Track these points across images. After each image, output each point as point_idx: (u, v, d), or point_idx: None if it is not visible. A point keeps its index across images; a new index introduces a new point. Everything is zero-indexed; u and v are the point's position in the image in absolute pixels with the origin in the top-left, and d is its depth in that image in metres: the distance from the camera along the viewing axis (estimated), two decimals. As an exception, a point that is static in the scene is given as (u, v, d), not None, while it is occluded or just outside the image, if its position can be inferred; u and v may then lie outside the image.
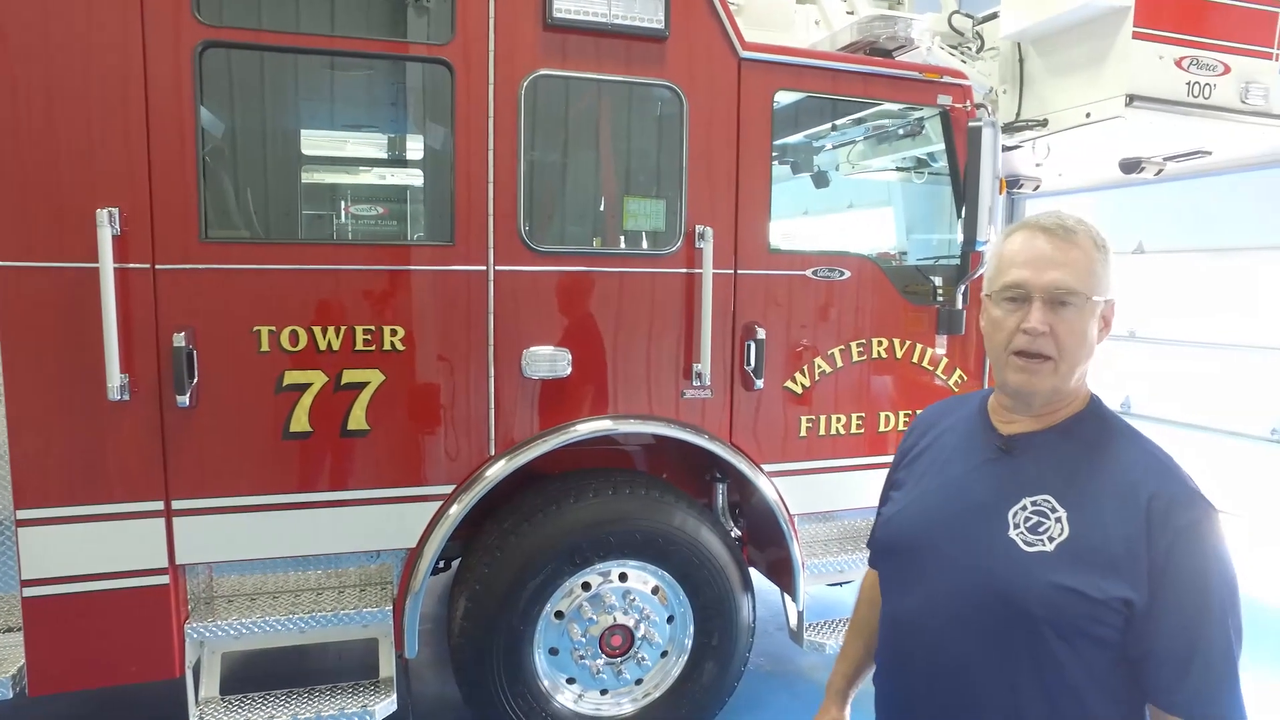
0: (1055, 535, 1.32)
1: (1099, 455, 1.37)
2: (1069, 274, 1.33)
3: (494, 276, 3.00)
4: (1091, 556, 1.28)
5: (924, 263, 3.91)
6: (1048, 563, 1.30)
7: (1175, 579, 1.24)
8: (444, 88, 2.94)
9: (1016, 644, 1.32)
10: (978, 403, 1.55)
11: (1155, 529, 1.26)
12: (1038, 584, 1.30)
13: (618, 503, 3.19)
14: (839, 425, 3.50)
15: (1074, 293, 1.33)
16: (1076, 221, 1.37)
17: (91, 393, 2.60)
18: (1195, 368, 6.12)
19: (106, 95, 2.56)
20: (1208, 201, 5.98)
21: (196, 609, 2.94)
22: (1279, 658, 4.39)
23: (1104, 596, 1.26)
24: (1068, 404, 1.42)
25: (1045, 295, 1.33)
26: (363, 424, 2.91)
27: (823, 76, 3.37)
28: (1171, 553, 1.25)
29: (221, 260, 2.74)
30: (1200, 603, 1.25)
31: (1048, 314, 1.33)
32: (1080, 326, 1.34)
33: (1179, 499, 1.28)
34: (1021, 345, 1.35)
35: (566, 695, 3.29)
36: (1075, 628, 1.28)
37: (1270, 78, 3.91)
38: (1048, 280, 1.33)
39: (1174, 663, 1.25)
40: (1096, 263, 1.35)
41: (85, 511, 2.68)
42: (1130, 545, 1.27)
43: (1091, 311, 1.35)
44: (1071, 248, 1.34)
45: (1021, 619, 1.31)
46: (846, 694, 1.78)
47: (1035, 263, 1.35)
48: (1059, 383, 1.37)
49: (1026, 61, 4.28)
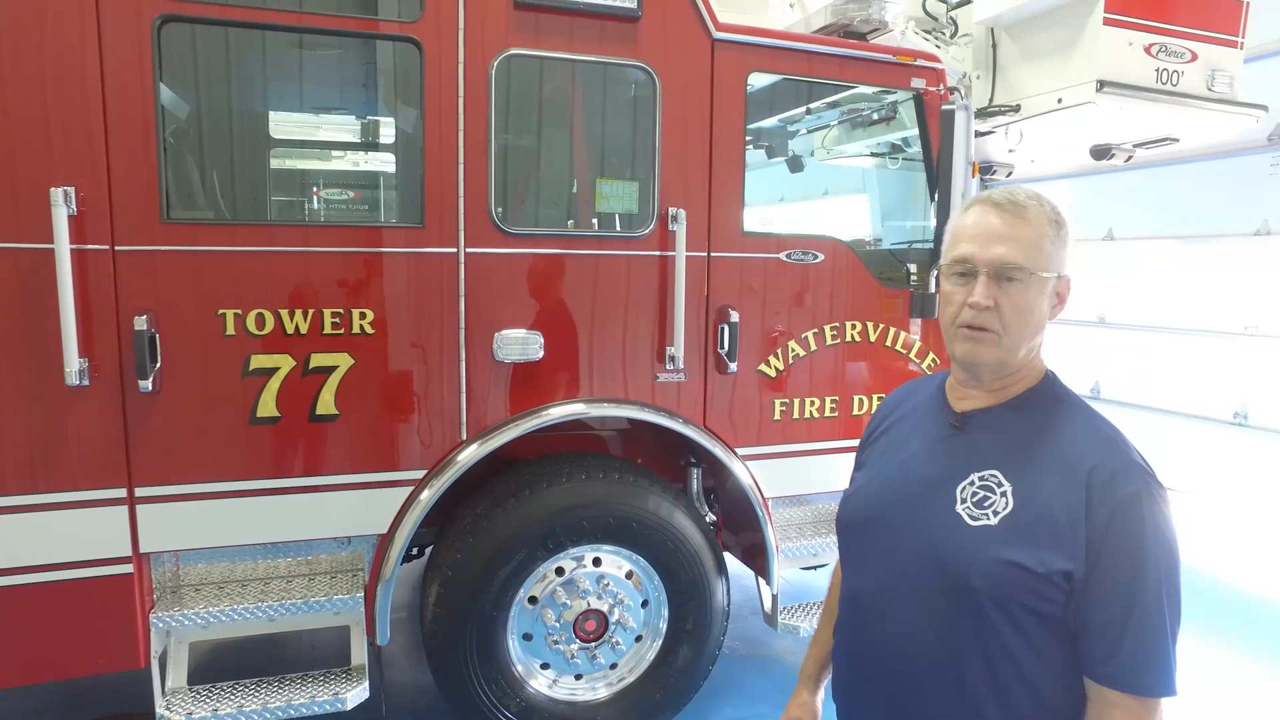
0: (1000, 509, 1.33)
1: (1046, 429, 1.38)
2: (1014, 249, 1.34)
3: (465, 259, 2.96)
4: (1034, 529, 1.29)
5: (898, 247, 3.93)
6: (991, 537, 1.31)
7: (1113, 550, 1.25)
8: (413, 67, 2.89)
9: (960, 618, 1.33)
10: (937, 382, 1.57)
11: (1095, 501, 1.27)
12: (981, 558, 1.31)
13: (591, 487, 3.17)
14: (813, 409, 3.51)
15: (1019, 268, 1.34)
16: (1028, 197, 1.38)
17: (50, 377, 2.54)
18: (1163, 353, 6.22)
19: (60, 69, 2.48)
20: (1176, 189, 6.06)
21: (163, 598, 2.89)
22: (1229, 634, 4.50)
23: (1045, 570, 1.27)
24: (1020, 380, 1.43)
25: (990, 270, 1.35)
26: (332, 409, 2.86)
27: (797, 58, 3.35)
28: (1110, 524, 1.26)
29: (185, 242, 2.68)
30: (1136, 574, 1.25)
31: (992, 288, 1.34)
32: (1024, 301, 1.35)
33: (1120, 471, 1.29)
34: (967, 319, 1.37)
35: (541, 680, 3.28)
36: (1017, 601, 1.29)
37: (1235, 66, 3.96)
38: (992, 255, 1.35)
39: (1108, 634, 1.26)
40: (1046, 239, 1.36)
41: (45, 500, 2.62)
42: (1071, 517, 1.27)
43: (1039, 287, 1.35)
44: (1020, 223, 1.35)
45: (964, 593, 1.32)
46: (819, 678, 1.79)
47: (982, 238, 1.36)
48: (1004, 355, 1.38)
49: (1000, 47, 4.30)
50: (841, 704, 1.60)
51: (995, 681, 1.32)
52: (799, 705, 1.78)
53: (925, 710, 1.39)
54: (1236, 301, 5.67)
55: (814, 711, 1.78)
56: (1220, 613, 4.76)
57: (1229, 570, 5.40)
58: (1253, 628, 4.62)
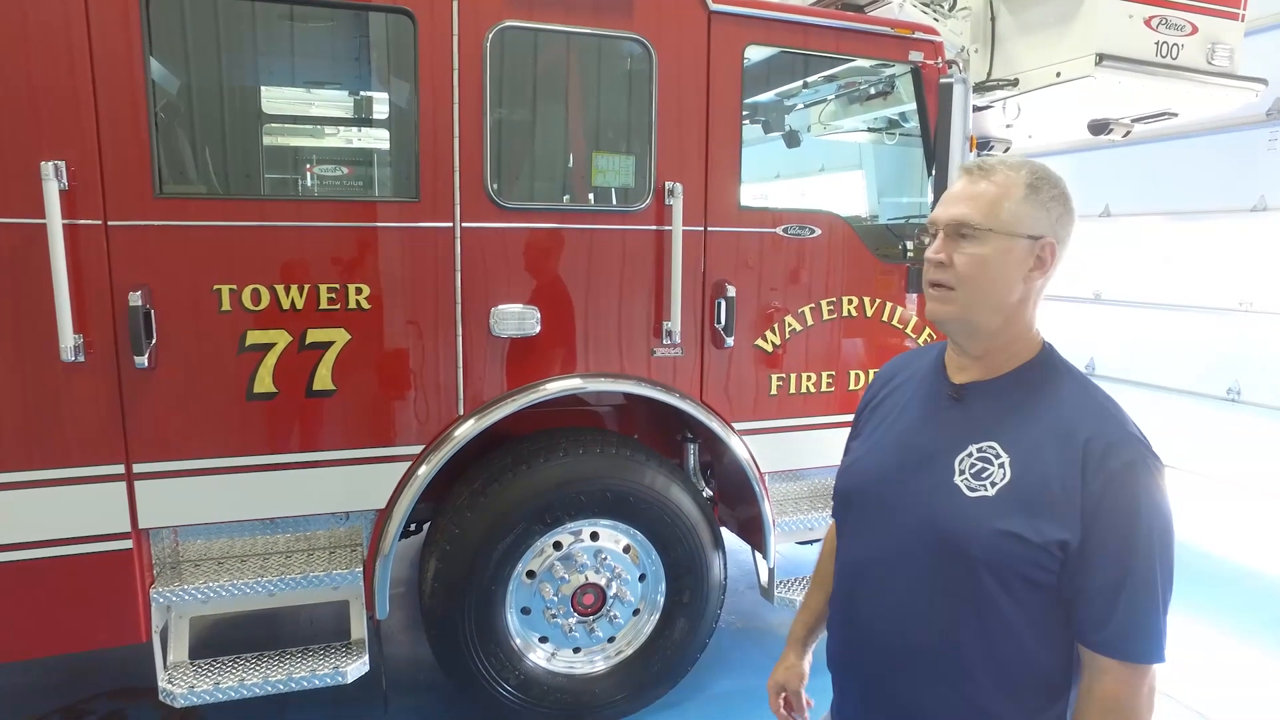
0: (998, 480, 1.34)
1: (1044, 401, 1.39)
2: (970, 208, 1.37)
3: (460, 233, 2.94)
4: (1030, 500, 1.30)
5: (895, 222, 3.91)
6: (989, 508, 1.32)
7: (1107, 519, 1.26)
8: (407, 39, 2.86)
9: (957, 587, 1.34)
10: (935, 353, 1.57)
11: (1090, 470, 1.28)
12: (979, 529, 1.32)
13: (588, 461, 3.18)
14: (809, 383, 3.52)
15: (971, 226, 1.37)
16: (999, 161, 1.41)
17: (45, 354, 2.53)
18: (1158, 329, 6.24)
19: (47, 41, 2.45)
20: (1172, 165, 6.04)
21: (162, 573, 2.90)
22: (1219, 608, 4.55)
23: (1041, 540, 1.28)
24: (1015, 352, 1.43)
25: (945, 228, 1.40)
26: (329, 384, 2.86)
27: (794, 31, 3.32)
28: (1105, 493, 1.27)
29: (178, 216, 2.66)
30: (1130, 543, 1.26)
31: (947, 245, 1.39)
32: (978, 256, 1.36)
33: (1115, 442, 1.30)
34: (929, 275, 1.43)
35: (539, 654, 3.31)
36: (1014, 571, 1.30)
37: (1235, 39, 3.93)
38: (949, 214, 1.40)
39: (1101, 601, 1.27)
40: (1011, 199, 1.36)
41: (42, 476, 2.62)
42: (1066, 487, 1.28)
43: (999, 245, 1.36)
44: (982, 183, 1.39)
45: (962, 563, 1.33)
46: (806, 642, 1.81)
47: (947, 200, 1.43)
48: (963, 312, 1.40)
49: (998, 20, 4.26)
50: (836, 673, 1.61)
51: (991, 650, 1.34)
52: (786, 669, 1.79)
53: (920, 679, 1.41)
54: (1232, 277, 5.67)
55: (800, 674, 1.79)
56: (1210, 587, 4.82)
57: (1220, 545, 5.45)
58: (1243, 602, 4.69)
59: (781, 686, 1.79)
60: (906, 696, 1.43)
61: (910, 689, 1.42)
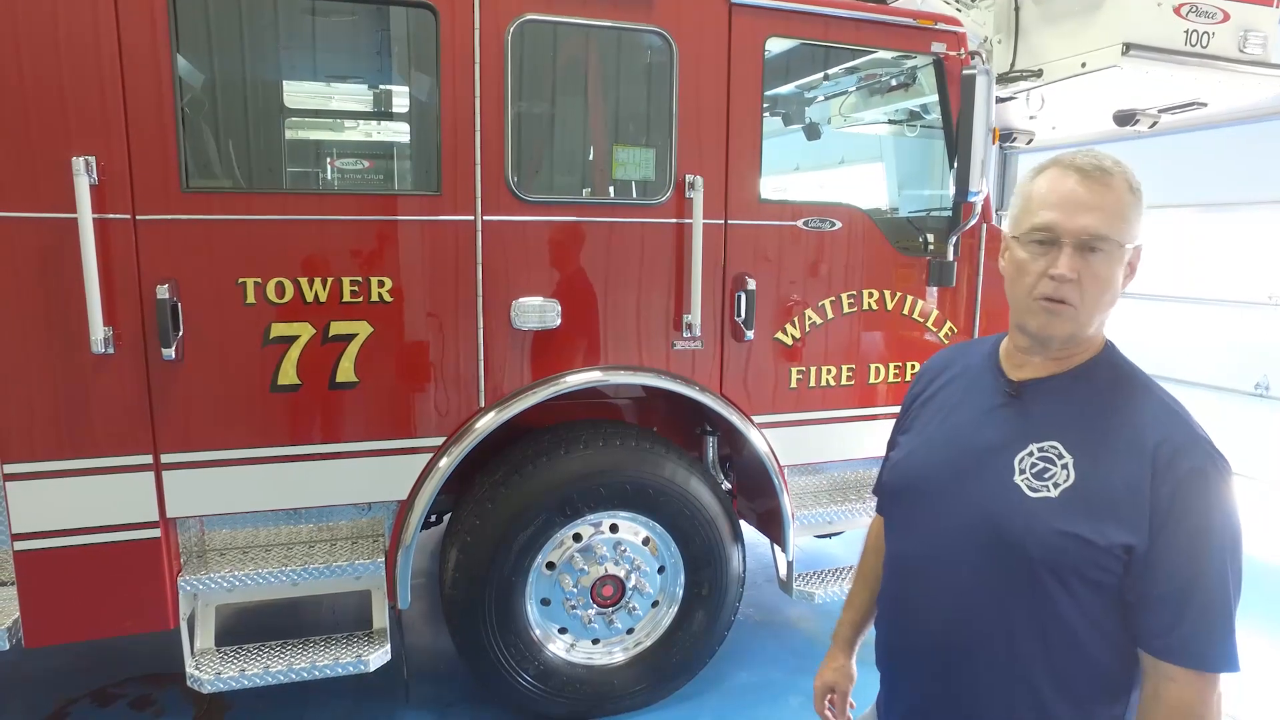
0: (1060, 481, 1.31)
1: (1109, 402, 1.35)
2: (1101, 219, 1.27)
3: (482, 226, 2.96)
4: (1096, 503, 1.27)
5: (916, 214, 3.88)
6: (1052, 509, 1.29)
7: (1177, 524, 1.23)
8: (429, 33, 2.87)
9: (1015, 587, 1.32)
10: (988, 348, 1.52)
11: (1160, 475, 1.24)
12: (1040, 529, 1.29)
13: (608, 454, 3.19)
14: (829, 377, 3.50)
15: (1105, 239, 1.27)
16: (1114, 163, 1.31)
17: (76, 346, 2.58)
18: (1184, 323, 6.15)
19: (76, 39, 2.49)
20: (1198, 156, 5.95)
21: (189, 562, 2.95)
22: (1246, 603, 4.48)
23: (1106, 543, 1.25)
24: (1082, 349, 1.39)
25: (1075, 241, 1.28)
26: (351, 376, 2.89)
27: (815, 22, 3.30)
28: (1175, 498, 1.23)
29: (204, 211, 2.70)
30: (1200, 549, 1.23)
31: (1076, 260, 1.28)
32: (1107, 274, 1.29)
33: (1185, 446, 1.26)
34: (1047, 291, 1.30)
35: (559, 645, 3.33)
36: (1074, 570, 1.27)
37: (1270, 26, 3.84)
38: (1079, 225, 1.27)
39: (1169, 608, 1.24)
40: (1129, 207, 1.29)
41: (73, 466, 2.67)
42: (1134, 490, 1.25)
43: (1120, 258, 1.30)
44: (1106, 190, 1.28)
45: (1020, 561, 1.30)
46: (853, 642, 1.78)
47: (1066, 205, 1.29)
48: (1078, 329, 1.33)
49: (1022, 10, 4.20)
50: (886, 672, 1.58)
51: (1048, 649, 1.31)
52: (834, 669, 1.76)
53: (976, 678, 1.38)
54: (1260, 271, 5.58)
55: (850, 675, 1.77)
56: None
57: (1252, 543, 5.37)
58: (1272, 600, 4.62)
59: (830, 688, 1.77)
60: (965, 695, 1.40)
61: (969, 687, 1.40)
